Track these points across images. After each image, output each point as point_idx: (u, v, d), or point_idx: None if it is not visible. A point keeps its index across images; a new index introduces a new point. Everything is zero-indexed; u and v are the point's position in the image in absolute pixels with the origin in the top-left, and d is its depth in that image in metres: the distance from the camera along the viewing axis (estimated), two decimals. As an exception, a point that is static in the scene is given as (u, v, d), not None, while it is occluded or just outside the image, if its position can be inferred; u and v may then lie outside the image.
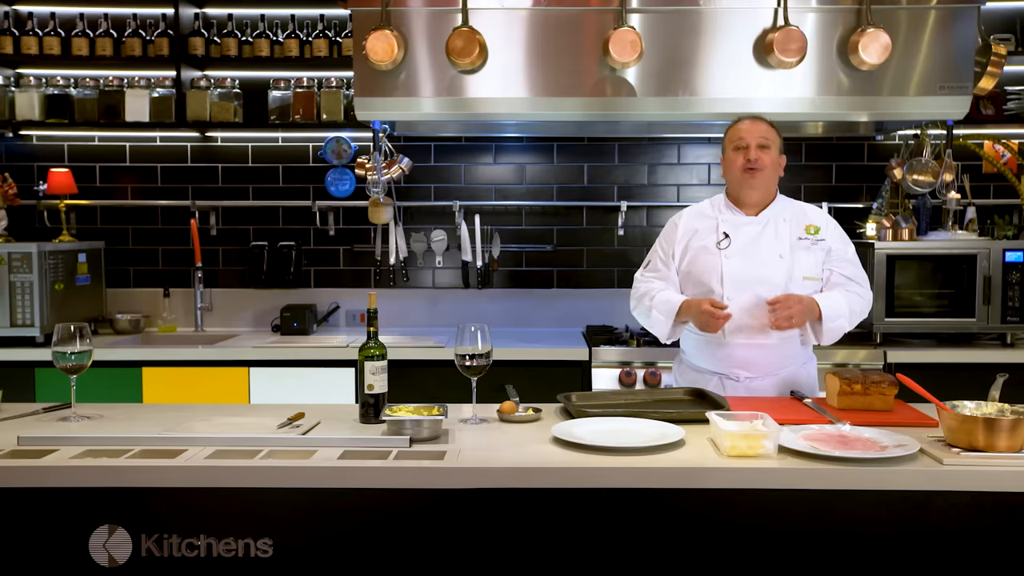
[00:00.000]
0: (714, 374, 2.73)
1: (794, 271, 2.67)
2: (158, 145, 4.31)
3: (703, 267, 2.71)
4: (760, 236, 2.71)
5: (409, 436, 2.07)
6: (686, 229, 2.79)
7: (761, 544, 1.93)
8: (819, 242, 2.72)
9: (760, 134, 2.68)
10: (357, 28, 3.33)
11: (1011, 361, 3.52)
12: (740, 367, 2.69)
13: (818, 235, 2.72)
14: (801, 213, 2.77)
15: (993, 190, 4.22)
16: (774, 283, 2.65)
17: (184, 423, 2.26)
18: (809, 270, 2.69)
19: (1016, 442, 1.92)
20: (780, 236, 2.71)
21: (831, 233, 2.75)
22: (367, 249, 4.31)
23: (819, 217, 2.78)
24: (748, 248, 2.70)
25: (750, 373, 2.69)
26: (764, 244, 2.70)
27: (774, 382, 2.69)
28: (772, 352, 2.67)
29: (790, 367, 2.72)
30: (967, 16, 3.29)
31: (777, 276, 2.66)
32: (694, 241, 2.76)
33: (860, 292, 2.71)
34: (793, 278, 2.67)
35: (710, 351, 2.72)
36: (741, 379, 2.70)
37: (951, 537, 1.91)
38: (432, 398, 2.43)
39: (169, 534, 1.90)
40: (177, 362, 3.66)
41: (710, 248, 2.73)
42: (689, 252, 2.75)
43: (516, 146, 4.30)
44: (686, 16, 3.30)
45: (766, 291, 2.64)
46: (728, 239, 2.71)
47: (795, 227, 2.72)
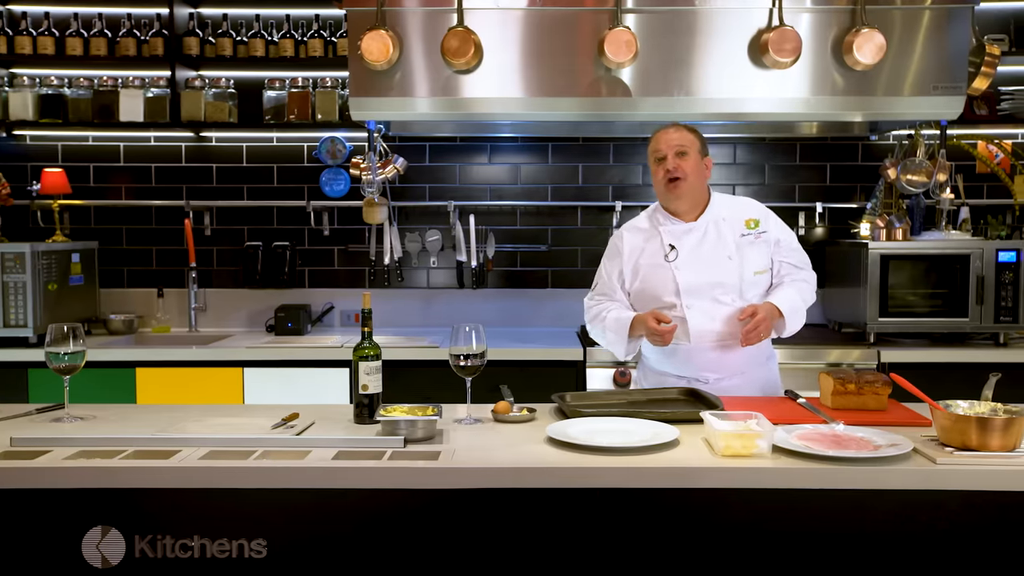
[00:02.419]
0: (682, 378, 2.73)
1: (744, 269, 2.69)
2: (152, 145, 4.30)
3: (657, 282, 2.71)
4: (705, 241, 2.71)
5: (404, 436, 2.07)
6: (631, 248, 2.77)
7: (756, 543, 1.93)
8: (762, 234, 2.73)
9: (676, 142, 2.67)
10: (352, 28, 3.32)
11: (1004, 361, 3.53)
12: (707, 370, 2.70)
13: (759, 227, 2.73)
14: (738, 209, 2.78)
15: (986, 190, 4.23)
16: (728, 284, 2.67)
17: (178, 424, 2.26)
18: (758, 264, 2.71)
19: (1009, 441, 1.93)
20: (724, 237, 2.71)
21: (771, 224, 2.77)
22: (362, 249, 4.31)
23: (756, 209, 2.79)
24: (696, 255, 2.70)
25: (718, 375, 2.70)
26: (711, 248, 2.70)
27: (743, 381, 2.71)
28: (736, 353, 2.68)
29: (754, 366, 2.75)
30: (961, 16, 3.30)
31: (730, 277, 2.68)
32: (642, 259, 2.75)
33: (807, 278, 2.77)
34: (744, 276, 2.69)
35: (676, 357, 2.72)
36: (711, 381, 2.70)
37: (944, 536, 1.92)
38: (427, 398, 2.43)
39: (163, 535, 1.90)
40: (171, 362, 3.65)
41: (659, 262, 2.72)
42: (640, 270, 2.74)
43: (511, 146, 4.30)
44: (681, 16, 3.30)
45: (722, 293, 2.67)
46: (675, 250, 2.71)
47: (736, 225, 2.73)
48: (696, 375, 2.72)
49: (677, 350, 2.69)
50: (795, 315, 2.68)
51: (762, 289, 2.74)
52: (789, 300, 2.67)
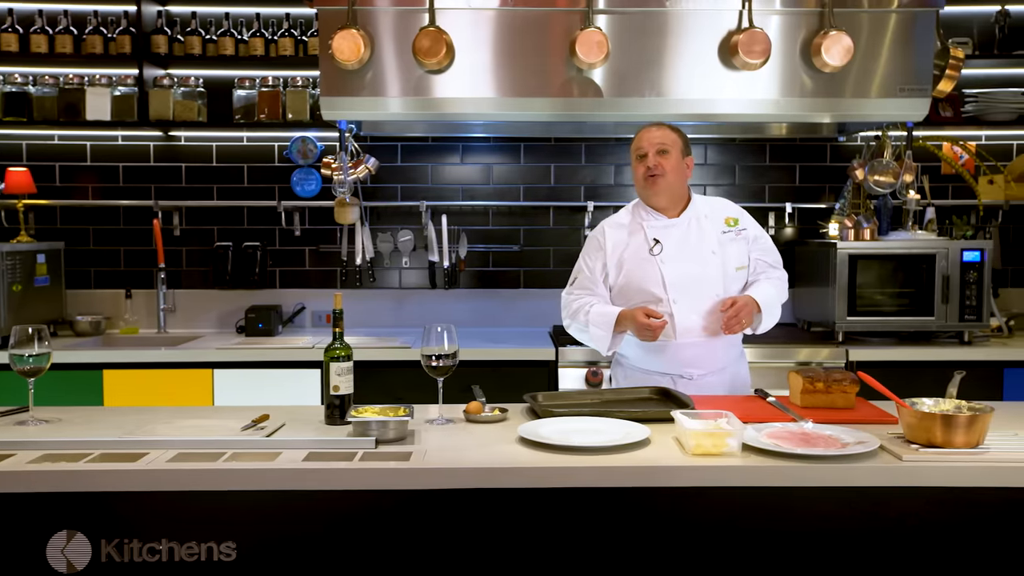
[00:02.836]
0: (665, 375, 2.75)
1: (727, 265, 2.75)
2: (120, 144, 4.25)
3: (643, 276, 2.73)
4: (688, 236, 2.76)
5: (375, 437, 2.06)
6: (614, 243, 2.79)
7: (726, 541, 1.94)
8: (741, 231, 2.80)
9: (658, 140, 2.71)
10: (323, 27, 3.30)
11: (968, 359, 3.58)
12: (691, 366, 2.73)
13: (739, 225, 2.81)
14: (717, 208, 2.84)
15: (951, 191, 4.30)
16: (712, 279, 2.72)
17: (146, 426, 2.23)
18: (738, 261, 2.77)
19: (972, 438, 1.96)
20: (706, 233, 2.77)
21: (748, 222, 2.85)
22: (333, 249, 4.29)
23: (734, 209, 2.86)
24: (681, 250, 2.74)
25: (701, 371, 2.74)
26: (694, 243, 2.75)
27: (721, 379, 2.76)
28: (719, 349, 2.74)
29: (732, 362, 2.82)
30: (926, 20, 3.34)
31: (714, 272, 2.73)
32: (626, 253, 2.77)
33: (780, 276, 2.84)
34: (727, 271, 2.75)
35: (661, 353, 2.74)
36: (695, 377, 2.73)
37: (912, 532, 1.94)
38: (398, 399, 2.43)
39: (130, 539, 1.88)
40: (139, 364, 3.61)
41: (644, 256, 2.74)
42: (625, 265, 2.76)
43: (483, 146, 4.29)
44: (652, 17, 3.32)
45: (706, 288, 2.72)
46: (659, 244, 2.74)
47: (716, 222, 2.79)
48: (680, 371, 2.73)
49: (663, 346, 2.71)
50: (771, 310, 2.73)
51: (742, 285, 2.79)
52: (766, 294, 2.72)
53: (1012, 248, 4.33)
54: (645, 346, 2.72)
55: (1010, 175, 4.11)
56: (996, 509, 1.93)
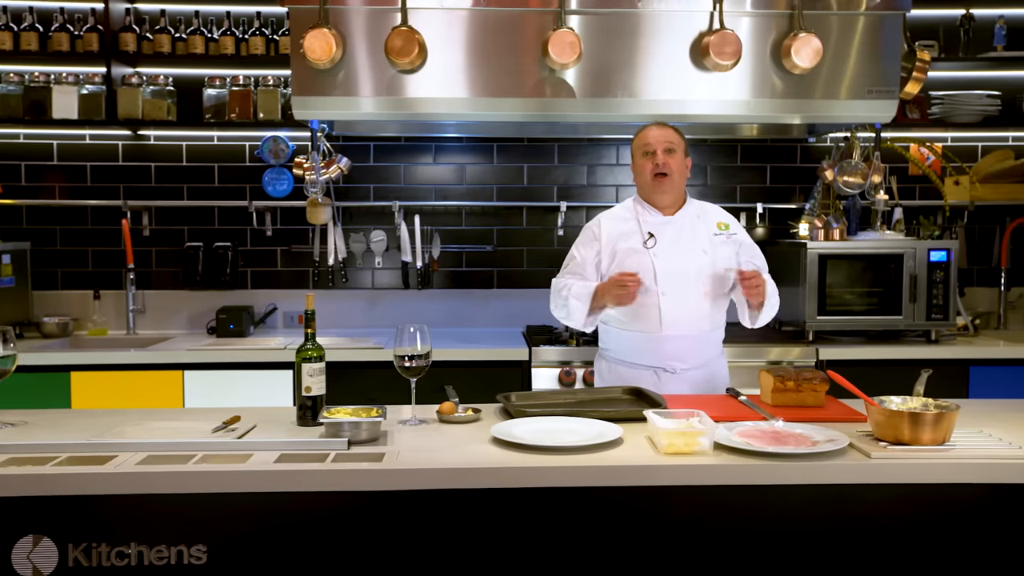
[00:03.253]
0: (649, 368, 2.81)
1: (716, 264, 2.83)
2: (87, 143, 4.20)
3: (634, 265, 2.79)
4: (682, 233, 2.85)
5: (347, 438, 2.05)
6: (609, 234, 2.87)
7: (699, 539, 1.96)
8: (732, 236, 2.90)
9: (666, 140, 2.81)
10: (294, 26, 3.28)
11: (935, 357, 3.64)
12: (675, 358, 2.79)
13: (730, 230, 2.91)
14: (710, 212, 2.95)
15: (919, 191, 4.36)
16: (702, 276, 2.80)
17: (115, 428, 2.20)
18: (728, 262, 2.85)
19: (939, 435, 1.99)
20: (698, 232, 2.86)
21: (738, 228, 2.96)
22: (305, 250, 4.26)
23: (725, 216, 2.96)
24: (674, 245, 2.83)
25: (685, 364, 2.79)
26: (687, 240, 2.84)
27: (703, 373, 2.82)
28: (703, 342, 2.82)
29: (714, 358, 2.88)
30: (893, 23, 3.39)
31: (704, 269, 2.82)
32: (620, 243, 2.85)
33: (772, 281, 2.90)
34: (716, 270, 2.82)
35: (647, 346, 2.80)
36: (678, 371, 2.79)
37: (879, 527, 1.97)
38: (371, 400, 2.42)
39: (98, 543, 1.85)
40: (108, 366, 3.56)
41: (638, 248, 2.83)
42: (618, 255, 2.84)
43: (456, 146, 4.29)
44: (624, 18, 3.33)
45: (695, 284, 2.80)
46: (653, 238, 2.83)
47: (709, 225, 2.89)
48: (663, 364, 2.79)
49: (648, 339, 2.78)
50: (771, 301, 2.81)
51: (729, 286, 2.86)
52: (771, 285, 2.81)
53: (977, 248, 4.39)
54: (629, 340, 2.80)
55: (975, 176, 4.18)
56: (962, 505, 1.97)
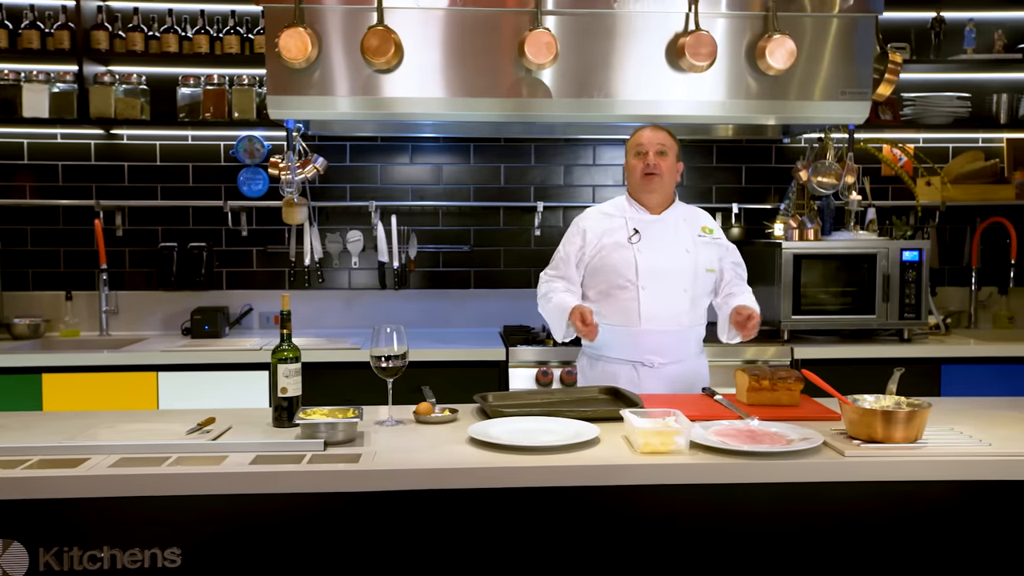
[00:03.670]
0: (628, 362, 2.86)
1: (698, 264, 2.89)
2: (59, 142, 4.15)
3: (617, 261, 2.86)
4: (667, 232, 2.91)
5: (323, 439, 2.04)
6: (596, 229, 2.93)
7: (676, 538, 1.97)
8: (716, 239, 3.00)
9: (659, 141, 2.89)
10: (270, 25, 3.26)
11: (908, 356, 3.68)
12: (653, 353, 2.85)
13: (714, 234, 2.99)
14: (696, 215, 3.03)
15: (891, 192, 4.41)
16: (682, 274, 2.87)
17: (87, 431, 2.18)
18: (709, 263, 2.93)
19: (911, 433, 2.02)
20: (682, 233, 2.93)
21: (721, 233, 3.05)
22: (281, 250, 4.23)
23: (710, 221, 3.04)
24: (657, 243, 2.88)
25: (663, 359, 2.85)
26: (671, 239, 2.90)
27: (680, 369, 2.87)
28: (681, 338, 2.88)
29: (691, 356, 2.93)
30: (866, 25, 3.42)
31: (685, 268, 2.87)
32: (605, 239, 2.91)
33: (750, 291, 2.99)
34: (697, 270, 2.89)
35: (626, 339, 2.85)
36: (655, 365, 2.85)
37: (854, 524, 1.99)
38: (348, 401, 2.41)
39: (69, 547, 1.83)
40: (80, 368, 3.51)
41: (622, 243, 2.88)
42: (602, 249, 2.90)
43: (433, 146, 4.28)
44: (600, 19, 3.34)
45: (675, 281, 2.86)
46: (638, 235, 2.89)
47: (694, 227, 2.98)
48: (642, 358, 2.85)
49: (627, 332, 2.84)
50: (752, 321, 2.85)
51: (710, 287, 2.94)
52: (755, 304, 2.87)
53: (948, 248, 4.45)
54: (609, 333, 2.85)
55: (946, 177, 4.23)
56: (934, 502, 1.99)
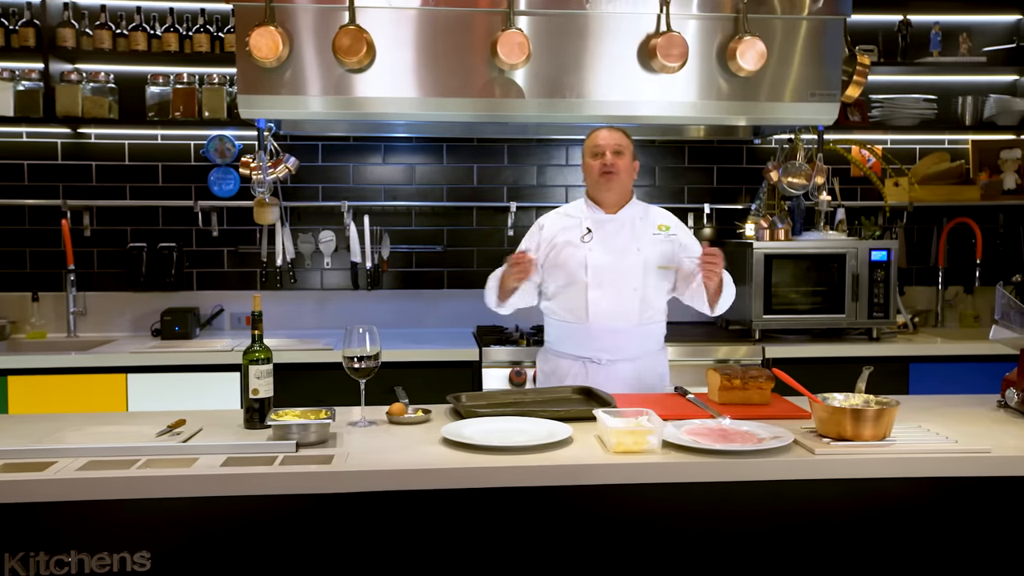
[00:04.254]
0: (578, 358, 2.92)
1: (650, 262, 2.93)
2: (24, 141, 4.08)
3: (569, 258, 2.92)
4: (620, 231, 2.95)
5: (295, 441, 2.03)
6: (554, 228, 3.00)
7: (648, 537, 1.98)
8: (672, 236, 2.99)
9: (615, 141, 2.93)
10: (240, 24, 3.23)
11: (876, 354, 3.73)
12: (602, 350, 2.89)
13: (670, 232, 3.00)
14: (654, 214, 3.05)
15: (860, 192, 4.46)
16: (632, 272, 2.91)
17: (55, 433, 2.15)
18: (662, 261, 2.95)
19: (880, 431, 2.04)
20: (637, 232, 2.96)
21: (680, 230, 3.04)
22: (253, 250, 4.20)
23: (669, 218, 3.05)
24: (609, 242, 2.93)
25: (611, 356, 2.89)
26: (623, 238, 2.94)
27: (633, 367, 2.91)
28: (631, 336, 2.90)
29: (646, 354, 2.95)
30: (834, 28, 3.45)
31: (635, 266, 2.91)
32: (559, 237, 2.97)
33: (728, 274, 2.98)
34: (648, 269, 2.92)
35: (575, 335, 2.92)
36: (603, 362, 2.89)
37: (824, 522, 2.01)
38: (320, 401, 2.39)
39: (36, 552, 1.80)
40: (47, 370, 3.47)
41: (575, 242, 2.94)
42: (556, 247, 2.96)
43: (405, 146, 4.27)
44: (573, 20, 3.35)
45: (624, 279, 2.90)
46: (591, 234, 2.94)
47: (649, 225, 3.00)
48: (592, 355, 2.90)
49: (577, 329, 2.90)
50: (728, 290, 2.91)
51: (663, 285, 2.95)
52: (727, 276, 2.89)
53: (916, 248, 4.51)
54: (562, 329, 2.93)
55: (914, 178, 4.29)
56: (903, 499, 2.02)
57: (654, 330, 2.97)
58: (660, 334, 3.01)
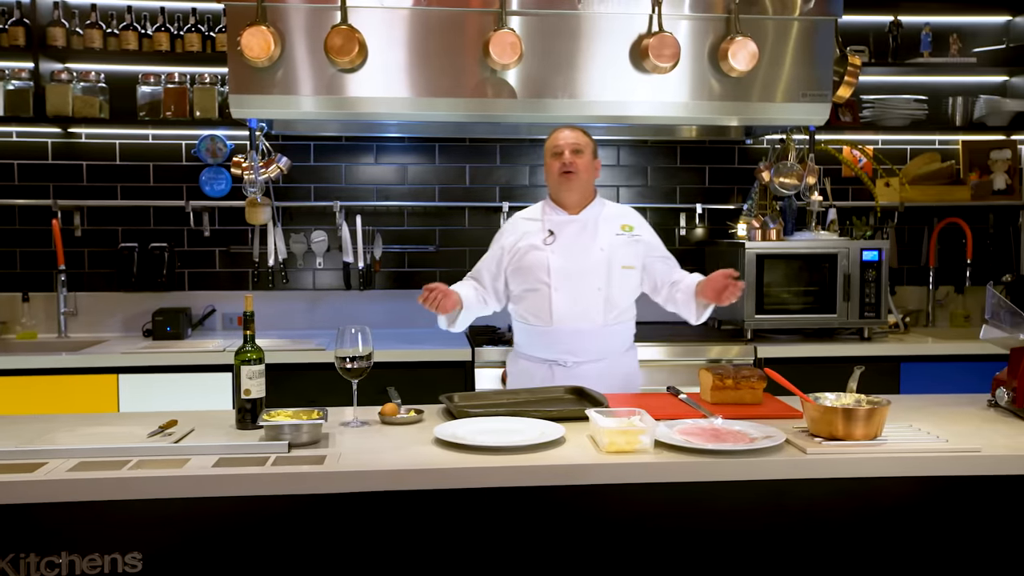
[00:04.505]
0: (544, 361, 2.91)
1: (613, 262, 2.89)
2: (14, 141, 4.06)
3: (532, 262, 2.89)
4: (582, 232, 2.92)
5: (288, 441, 2.03)
6: (517, 232, 2.97)
7: (641, 536, 1.98)
8: (635, 236, 2.95)
9: (573, 141, 2.89)
10: (231, 23, 3.23)
11: (868, 354, 3.73)
12: (568, 353, 2.87)
13: (633, 232, 2.96)
14: (618, 214, 3.00)
15: (851, 192, 4.47)
16: (596, 273, 2.88)
17: (45, 435, 2.14)
18: (627, 261, 2.91)
19: (871, 430, 2.05)
20: (599, 232, 2.92)
21: (644, 229, 3.00)
22: (244, 250, 4.19)
23: (633, 217, 3.01)
24: (571, 243, 2.90)
25: (577, 358, 2.87)
26: (586, 239, 2.90)
27: (599, 368, 2.87)
28: (595, 338, 2.87)
29: (613, 354, 2.92)
30: (826, 29, 3.47)
31: (599, 267, 2.88)
32: (522, 241, 2.94)
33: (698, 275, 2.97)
34: (613, 268, 2.89)
35: (540, 339, 2.90)
36: (569, 364, 2.87)
37: (816, 521, 2.02)
38: (312, 402, 2.39)
39: (26, 553, 1.80)
40: (38, 370, 3.45)
41: (537, 245, 2.91)
42: (520, 251, 2.93)
43: (398, 146, 4.26)
44: (565, 20, 3.35)
45: (587, 281, 2.86)
46: (553, 236, 2.91)
47: (612, 224, 2.95)
48: (557, 357, 2.88)
49: (543, 332, 2.88)
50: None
51: (628, 285, 2.92)
52: None
53: (907, 248, 4.53)
54: (528, 331, 2.93)
55: (905, 178, 4.31)
56: (894, 498, 2.02)
57: (620, 330, 2.93)
58: (627, 334, 2.97)
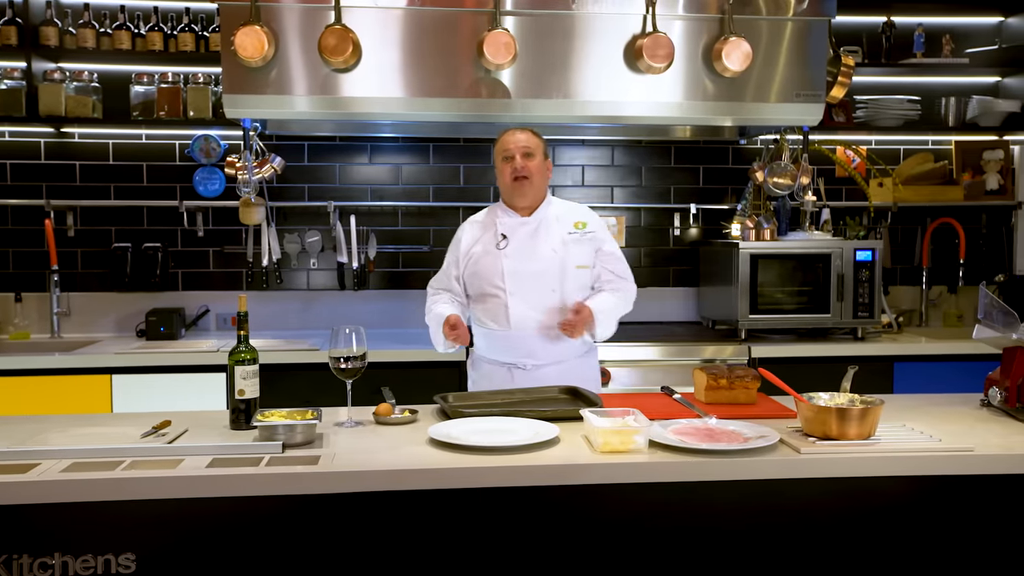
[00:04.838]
0: (504, 364, 2.90)
1: (567, 262, 2.88)
2: (7, 140, 4.05)
3: (486, 267, 2.90)
4: (536, 235, 2.92)
5: (282, 441, 2.02)
6: (470, 238, 2.98)
7: (636, 536, 1.98)
8: (588, 234, 2.94)
9: (523, 144, 2.88)
10: (225, 23, 3.22)
11: (861, 354, 3.74)
12: (526, 355, 2.87)
13: (586, 229, 2.94)
14: (570, 211, 2.99)
15: (845, 192, 4.48)
16: (550, 274, 2.87)
17: (38, 435, 2.13)
18: (580, 260, 2.91)
19: (865, 430, 2.05)
20: (552, 232, 2.92)
21: (598, 226, 2.98)
22: (238, 250, 4.18)
23: (586, 214, 3.00)
24: (524, 246, 2.90)
25: (536, 361, 2.87)
26: (539, 241, 2.90)
27: (558, 370, 2.86)
28: (554, 342, 2.86)
29: (572, 356, 2.92)
30: (819, 29, 3.48)
31: (552, 268, 2.87)
32: (476, 247, 2.95)
33: (626, 287, 2.97)
34: (566, 269, 2.88)
35: (500, 343, 2.90)
36: (528, 367, 2.87)
37: (810, 520, 2.02)
38: (307, 402, 2.39)
39: (19, 554, 1.79)
40: (31, 371, 3.44)
41: (491, 250, 2.91)
42: (474, 257, 2.93)
43: (392, 146, 4.26)
44: (559, 20, 3.35)
45: (542, 283, 2.86)
46: (506, 240, 2.91)
47: (565, 224, 2.94)
48: (516, 361, 2.89)
49: (502, 335, 2.87)
50: (608, 319, 2.87)
51: (583, 283, 2.91)
52: (604, 304, 2.86)
53: (900, 248, 4.54)
54: (488, 336, 2.92)
55: (898, 178, 4.32)
56: (887, 497, 2.03)
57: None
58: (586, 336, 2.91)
